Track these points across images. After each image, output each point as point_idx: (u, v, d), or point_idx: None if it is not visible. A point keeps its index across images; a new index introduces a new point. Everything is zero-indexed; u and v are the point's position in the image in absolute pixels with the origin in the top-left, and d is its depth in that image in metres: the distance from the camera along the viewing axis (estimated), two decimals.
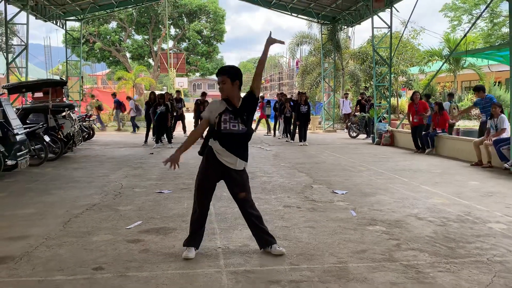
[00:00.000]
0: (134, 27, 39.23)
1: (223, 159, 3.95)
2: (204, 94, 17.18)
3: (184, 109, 18.46)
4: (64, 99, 13.52)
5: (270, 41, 4.05)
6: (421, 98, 12.40)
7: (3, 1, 14.33)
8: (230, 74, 3.98)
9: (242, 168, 4.03)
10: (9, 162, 8.35)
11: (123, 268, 3.76)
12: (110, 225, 5.09)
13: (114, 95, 22.48)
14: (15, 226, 5.04)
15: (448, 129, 13.65)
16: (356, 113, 18.32)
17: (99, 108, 21.77)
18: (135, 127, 20.65)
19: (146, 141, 14.72)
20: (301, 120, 14.96)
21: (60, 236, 4.65)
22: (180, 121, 17.67)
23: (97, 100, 21.83)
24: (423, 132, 12.11)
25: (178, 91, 19.00)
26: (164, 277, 3.58)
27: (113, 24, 39.18)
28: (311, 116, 20.55)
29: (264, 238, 4.10)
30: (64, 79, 18.61)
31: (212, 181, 4.08)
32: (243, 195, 4.04)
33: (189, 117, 19.09)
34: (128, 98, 22.10)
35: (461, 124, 15.53)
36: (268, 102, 20.19)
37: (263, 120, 19.77)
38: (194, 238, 4.10)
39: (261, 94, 18.44)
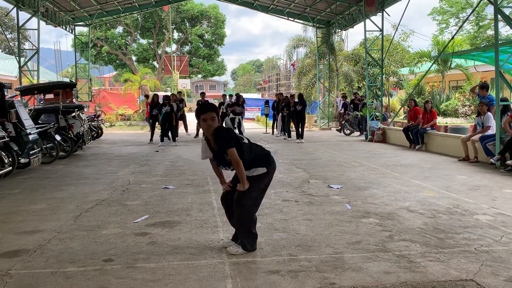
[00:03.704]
0: (139, 31, 39.19)
1: None
2: (203, 94, 17.16)
3: (186, 109, 18.43)
4: (74, 100, 13.50)
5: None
6: (415, 104, 12.46)
7: (16, 8, 14.28)
8: (216, 111, 3.76)
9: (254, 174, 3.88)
10: (22, 160, 8.35)
11: (132, 259, 3.76)
12: (119, 219, 5.08)
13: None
14: (29, 221, 5.03)
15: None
16: (349, 112, 18.32)
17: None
18: None
19: (151, 139, 14.70)
20: (295, 118, 15.02)
21: (72, 230, 4.64)
22: (182, 121, 17.64)
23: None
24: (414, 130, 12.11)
25: (179, 92, 18.95)
26: (170, 267, 3.58)
27: (120, 29, 39.18)
28: (308, 115, 20.62)
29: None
30: (74, 81, 18.58)
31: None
32: (240, 188, 3.82)
33: (190, 117, 19.09)
34: None
35: (449, 121, 15.55)
36: (267, 102, 20.19)
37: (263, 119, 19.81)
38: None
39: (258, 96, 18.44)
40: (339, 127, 19.25)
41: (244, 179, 3.79)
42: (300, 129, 14.89)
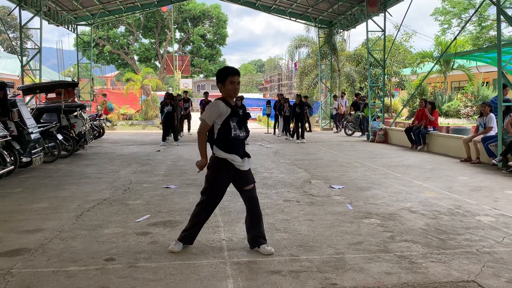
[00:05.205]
0: (141, 31, 39.24)
1: (233, 162, 3.78)
2: (206, 94, 17.13)
3: (190, 108, 18.49)
4: (76, 99, 13.52)
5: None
6: (426, 105, 12.20)
7: (18, 7, 14.31)
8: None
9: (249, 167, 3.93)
10: (24, 159, 8.36)
11: (133, 259, 3.77)
12: (120, 218, 5.09)
13: None
14: (30, 220, 5.04)
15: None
16: (351, 113, 18.32)
17: (109, 110, 21.87)
18: None
19: (174, 138, 14.45)
20: (296, 119, 15.04)
21: (73, 229, 4.65)
22: (186, 120, 17.65)
23: (105, 101, 21.79)
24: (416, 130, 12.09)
25: (185, 92, 18.95)
26: (171, 267, 3.58)
27: (122, 29, 39.24)
28: (309, 115, 20.62)
29: (256, 239, 3.93)
30: (76, 80, 18.61)
31: (225, 189, 3.93)
32: (251, 186, 3.90)
33: (195, 117, 19.11)
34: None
35: (451, 122, 15.52)
36: (269, 102, 20.19)
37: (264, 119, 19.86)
38: (190, 238, 4.01)
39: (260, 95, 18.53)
40: (340, 128, 19.28)
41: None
42: (300, 129, 14.90)
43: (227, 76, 3.76)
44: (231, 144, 3.78)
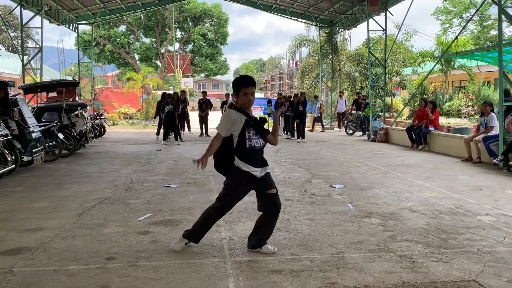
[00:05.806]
0: (142, 30, 39.22)
1: (251, 171, 3.76)
2: (204, 93, 17.14)
3: (188, 107, 18.52)
4: (77, 98, 13.53)
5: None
6: (426, 105, 12.10)
7: (19, 6, 14.31)
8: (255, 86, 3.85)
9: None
10: (25, 158, 8.36)
11: (134, 258, 3.77)
12: (121, 217, 5.09)
13: None
14: (31, 219, 5.05)
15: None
16: (352, 112, 18.30)
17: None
18: None
19: (175, 138, 14.44)
20: (297, 118, 15.05)
21: (74, 228, 4.65)
22: (184, 120, 17.65)
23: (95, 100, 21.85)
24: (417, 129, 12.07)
25: (183, 91, 18.96)
26: (172, 266, 3.59)
27: (123, 28, 39.23)
28: (310, 114, 20.61)
29: (260, 241, 3.91)
30: (77, 79, 18.61)
31: (241, 197, 3.92)
32: (275, 191, 3.89)
33: (193, 116, 19.15)
34: None
35: (452, 121, 15.51)
36: (269, 101, 20.18)
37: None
38: (197, 236, 3.98)
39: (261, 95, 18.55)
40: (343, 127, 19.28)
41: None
42: (301, 129, 14.89)
43: (241, 87, 3.73)
44: (248, 155, 3.75)
